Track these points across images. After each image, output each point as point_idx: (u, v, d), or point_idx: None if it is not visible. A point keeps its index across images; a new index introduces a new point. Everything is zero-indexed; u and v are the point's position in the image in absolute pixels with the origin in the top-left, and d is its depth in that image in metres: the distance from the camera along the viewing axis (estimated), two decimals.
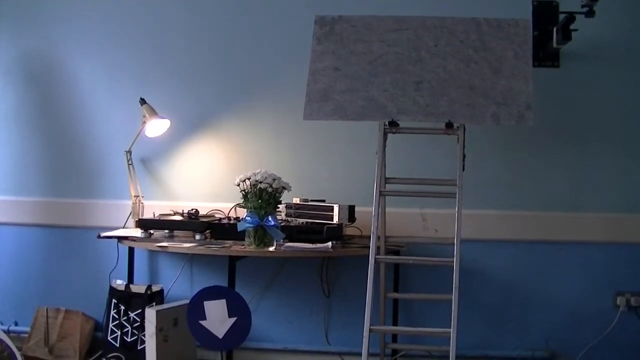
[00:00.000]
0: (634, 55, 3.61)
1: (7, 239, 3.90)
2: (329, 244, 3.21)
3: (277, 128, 3.78)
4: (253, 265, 3.62)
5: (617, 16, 3.57)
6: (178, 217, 3.56)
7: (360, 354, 2.79)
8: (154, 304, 3.43)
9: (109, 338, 3.50)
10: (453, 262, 2.83)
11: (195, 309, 3.05)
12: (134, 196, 3.69)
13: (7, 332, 3.72)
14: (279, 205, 3.35)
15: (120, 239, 3.51)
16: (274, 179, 3.23)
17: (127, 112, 3.79)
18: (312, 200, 3.49)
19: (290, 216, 3.50)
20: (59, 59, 3.89)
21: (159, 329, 3.26)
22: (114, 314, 3.50)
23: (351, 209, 3.40)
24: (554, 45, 3.45)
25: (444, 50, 3.10)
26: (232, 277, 3.15)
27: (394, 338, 3.56)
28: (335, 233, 3.31)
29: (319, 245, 3.20)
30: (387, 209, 3.32)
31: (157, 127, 3.72)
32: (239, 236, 3.27)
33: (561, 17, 3.41)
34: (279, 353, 3.72)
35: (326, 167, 3.74)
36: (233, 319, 3.05)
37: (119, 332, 3.48)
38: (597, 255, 3.60)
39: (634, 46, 3.60)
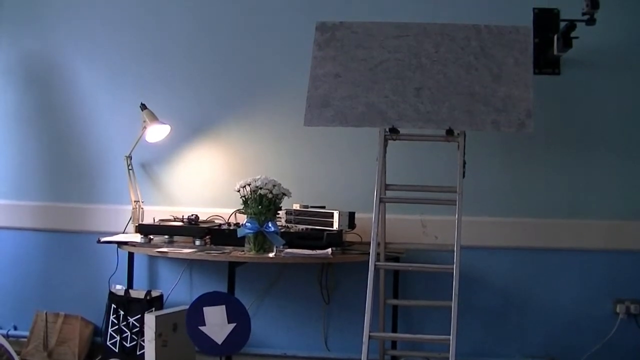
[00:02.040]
0: (635, 62, 3.61)
1: (7, 243, 3.90)
2: (329, 250, 3.21)
3: (277, 134, 3.78)
4: (253, 271, 3.61)
5: (617, 24, 3.57)
6: (178, 223, 3.56)
7: None
8: (154, 309, 3.42)
9: (108, 343, 3.50)
10: (453, 269, 2.83)
11: (194, 314, 3.05)
12: (134, 201, 3.69)
13: (6, 336, 3.71)
14: (279, 212, 3.35)
15: (120, 244, 3.51)
16: (274, 185, 3.23)
17: (128, 116, 3.79)
18: (312, 207, 3.49)
19: (290, 222, 3.50)
20: (59, 62, 3.90)
21: (158, 334, 3.26)
22: (113, 319, 3.49)
23: (351, 215, 3.40)
24: (555, 52, 3.45)
25: (444, 56, 3.10)
26: (232, 282, 3.16)
27: (394, 344, 3.55)
28: (335, 239, 3.31)
29: (318, 251, 3.20)
30: (387, 216, 3.32)
31: (157, 133, 3.72)
32: (239, 242, 3.27)
33: (562, 24, 3.42)
34: (278, 359, 3.71)
35: (326, 174, 3.74)
36: (232, 325, 3.04)
37: (118, 337, 3.47)
38: (596, 263, 3.60)
39: (634, 54, 3.60)
